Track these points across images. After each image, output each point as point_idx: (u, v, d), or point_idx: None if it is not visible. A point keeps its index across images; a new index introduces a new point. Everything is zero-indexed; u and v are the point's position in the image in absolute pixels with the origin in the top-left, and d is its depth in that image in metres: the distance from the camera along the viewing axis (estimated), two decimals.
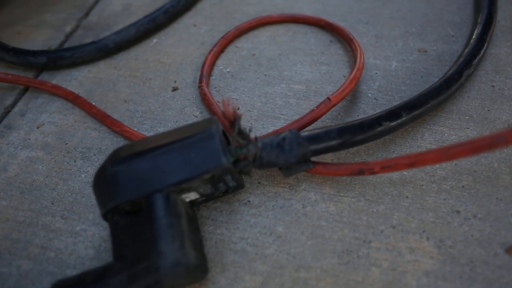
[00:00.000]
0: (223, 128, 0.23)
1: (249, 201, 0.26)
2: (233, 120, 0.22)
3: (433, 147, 0.27)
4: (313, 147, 0.23)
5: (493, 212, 0.24)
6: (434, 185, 0.25)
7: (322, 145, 0.23)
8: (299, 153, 0.22)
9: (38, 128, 0.32)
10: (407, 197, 0.25)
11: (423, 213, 0.24)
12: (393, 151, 0.27)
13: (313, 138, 0.23)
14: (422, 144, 0.28)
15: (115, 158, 0.21)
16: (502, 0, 0.36)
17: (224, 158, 0.20)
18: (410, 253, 0.23)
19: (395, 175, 0.26)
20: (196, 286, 0.22)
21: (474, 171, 0.26)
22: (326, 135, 0.23)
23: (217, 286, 0.22)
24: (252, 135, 0.25)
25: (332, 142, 0.23)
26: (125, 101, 0.33)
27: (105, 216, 0.22)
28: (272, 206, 0.25)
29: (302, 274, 0.22)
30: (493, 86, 0.30)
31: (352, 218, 0.24)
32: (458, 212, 0.24)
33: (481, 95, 0.30)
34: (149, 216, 0.20)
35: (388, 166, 0.22)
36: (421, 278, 0.22)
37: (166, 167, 0.21)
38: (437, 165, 0.26)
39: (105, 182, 0.21)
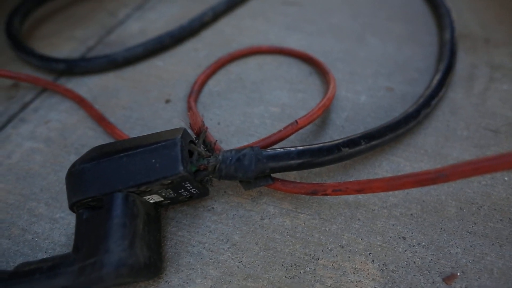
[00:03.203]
0: (192, 138, 0.20)
1: (213, 207, 0.23)
2: (199, 132, 0.20)
3: (389, 175, 0.24)
4: (272, 164, 0.20)
5: (435, 242, 0.21)
6: (385, 211, 0.22)
7: (281, 164, 0.20)
8: (258, 169, 0.19)
9: (45, 123, 0.29)
10: (359, 219, 0.22)
11: (371, 236, 0.21)
12: (352, 175, 0.24)
13: (274, 157, 0.20)
14: (379, 172, 0.25)
15: (86, 157, 0.19)
16: (461, 53, 0.33)
17: (181, 167, 0.17)
18: (354, 274, 0.20)
19: (350, 198, 0.23)
20: (149, 283, 0.19)
21: (423, 201, 0.23)
22: (286, 154, 0.20)
23: (169, 285, 0.19)
24: (227, 148, 0.22)
25: (291, 162, 0.20)
26: (123, 108, 0.30)
27: (71, 208, 0.19)
28: (233, 215, 0.22)
29: (249, 283, 0.19)
30: (448, 126, 0.27)
31: (305, 234, 0.21)
32: (404, 238, 0.21)
33: (437, 133, 0.27)
34: (106, 213, 0.17)
35: (339, 190, 0.19)
36: None
37: (128, 170, 0.18)
38: (390, 192, 0.23)
39: (73, 177, 0.18)
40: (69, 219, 0.23)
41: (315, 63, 0.32)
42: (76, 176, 0.18)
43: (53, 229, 0.22)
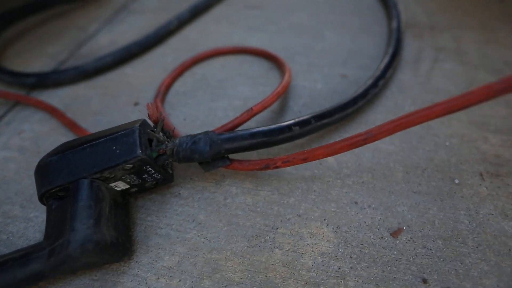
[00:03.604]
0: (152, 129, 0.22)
1: (179, 193, 0.24)
2: (157, 121, 0.21)
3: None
4: (227, 146, 0.22)
5: (384, 203, 0.23)
6: (339, 181, 0.24)
7: (236, 145, 0.22)
8: (213, 150, 0.21)
9: (19, 134, 0.31)
10: (315, 191, 0.24)
11: (326, 204, 0.23)
12: None
13: (228, 139, 0.22)
14: None
15: (53, 151, 0.20)
16: (409, 40, 0.36)
17: (140, 150, 0.19)
18: (310, 238, 0.21)
19: (306, 172, 0.25)
20: (120, 264, 0.21)
21: (374, 169, 0.25)
22: (240, 136, 0.22)
23: (139, 264, 0.21)
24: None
25: (245, 142, 0.22)
26: (95, 113, 0.32)
27: (41, 200, 0.20)
28: (198, 198, 0.24)
29: (214, 255, 0.21)
30: (396, 103, 0.30)
31: (265, 208, 0.23)
32: (356, 203, 0.23)
33: (386, 110, 0.29)
34: (73, 199, 0.19)
35: (287, 161, 0.21)
36: (317, 258, 0.20)
37: (91, 158, 0.19)
38: (343, 164, 0.25)
39: (41, 170, 0.20)
40: (43, 217, 0.24)
41: (273, 58, 0.34)
42: (44, 169, 0.20)
43: (28, 227, 0.24)
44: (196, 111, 0.31)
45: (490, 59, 0.33)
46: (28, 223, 0.24)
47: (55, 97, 0.34)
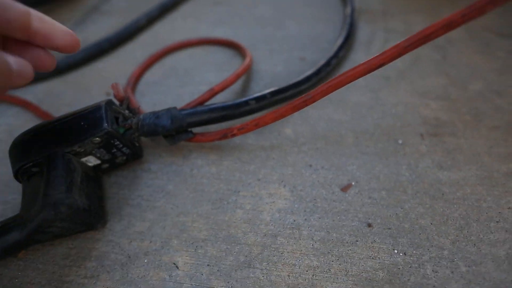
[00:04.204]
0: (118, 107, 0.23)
1: (149, 168, 0.26)
2: (122, 99, 0.23)
3: (300, 122, 0.29)
4: (189, 119, 0.24)
5: (336, 164, 0.25)
6: (296, 149, 0.26)
7: (196, 118, 0.24)
8: (176, 124, 0.23)
9: None
10: (273, 158, 0.26)
11: (283, 169, 0.25)
12: (267, 128, 0.28)
13: (190, 114, 0.24)
14: (290, 120, 0.29)
15: (26, 131, 0.22)
16: (363, 24, 0.39)
17: (106, 123, 0.21)
18: (269, 197, 0.23)
19: (266, 143, 0.27)
20: (95, 233, 0.22)
21: (327, 137, 0.27)
22: (200, 111, 0.24)
23: (112, 231, 0.22)
24: None
25: (205, 116, 0.24)
26: (68, 105, 0.33)
27: (16, 177, 0.22)
28: (167, 171, 0.26)
29: (181, 218, 0.23)
30: None
31: (228, 175, 0.25)
32: (310, 165, 0.25)
33: None
34: (46, 171, 0.20)
35: (242, 128, 0.23)
36: (275, 214, 0.22)
37: (62, 134, 0.21)
38: (300, 134, 0.27)
39: (15, 147, 0.21)
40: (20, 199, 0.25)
41: (236, 46, 0.37)
42: (18, 146, 0.21)
43: (6, 209, 0.25)
44: (165, 97, 0.33)
45: None
46: (6, 205, 0.25)
47: (29, 93, 0.35)
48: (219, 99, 0.30)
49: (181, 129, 0.24)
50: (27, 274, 0.21)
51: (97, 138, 0.21)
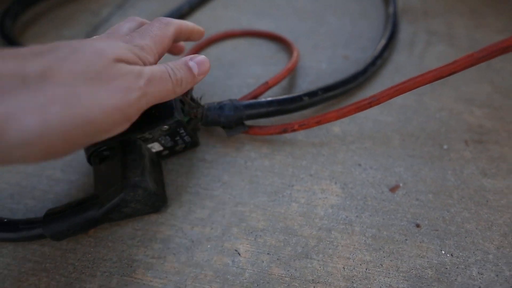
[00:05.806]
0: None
1: (205, 158, 0.27)
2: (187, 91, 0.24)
3: (345, 121, 0.30)
4: (248, 112, 0.25)
5: (384, 165, 0.26)
6: (344, 147, 0.27)
7: (255, 111, 0.25)
8: (236, 115, 0.24)
9: None
10: (323, 155, 0.27)
11: (334, 166, 0.26)
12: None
13: (248, 105, 0.25)
14: None
15: None
16: (405, 24, 0.39)
17: (176, 113, 0.22)
18: (322, 193, 0.25)
19: (316, 140, 0.28)
20: (158, 216, 0.24)
21: (374, 137, 0.28)
22: (258, 103, 0.25)
23: (174, 216, 0.24)
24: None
25: (262, 109, 0.25)
26: None
27: (89, 160, 0.23)
28: (222, 162, 0.27)
29: (239, 208, 0.24)
30: (393, 80, 0.33)
31: (281, 170, 0.26)
32: (359, 165, 0.26)
33: (383, 86, 0.32)
34: (120, 155, 0.22)
35: (303, 124, 0.24)
36: (328, 209, 0.24)
37: (135, 121, 0.22)
38: (347, 133, 0.28)
39: None
40: (84, 180, 0.27)
41: (281, 40, 0.37)
42: None
43: (71, 188, 0.26)
44: (213, 88, 0.33)
45: (478, 42, 0.36)
46: (71, 185, 0.26)
47: None
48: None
49: (240, 120, 0.25)
50: (99, 250, 0.22)
51: (166, 126, 0.22)
